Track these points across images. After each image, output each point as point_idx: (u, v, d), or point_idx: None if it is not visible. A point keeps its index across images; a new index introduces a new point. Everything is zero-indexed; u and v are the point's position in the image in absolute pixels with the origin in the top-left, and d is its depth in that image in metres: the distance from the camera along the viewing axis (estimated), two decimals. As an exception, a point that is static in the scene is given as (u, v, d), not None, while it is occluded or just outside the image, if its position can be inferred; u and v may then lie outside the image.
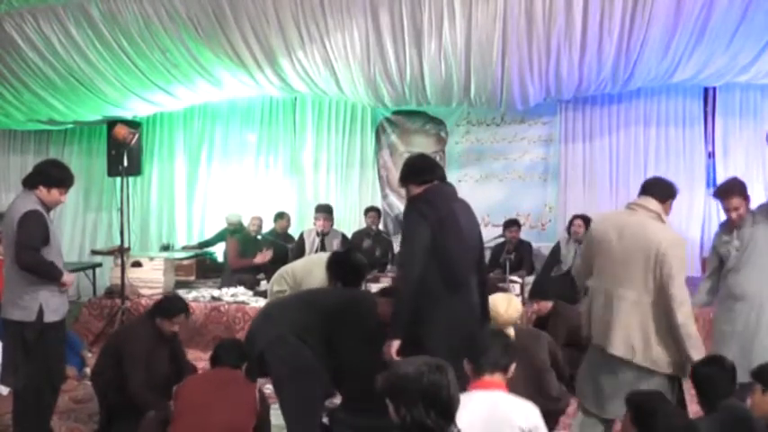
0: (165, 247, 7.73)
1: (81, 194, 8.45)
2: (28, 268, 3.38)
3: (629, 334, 2.90)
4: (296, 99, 7.95)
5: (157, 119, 8.24)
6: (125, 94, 6.99)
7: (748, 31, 5.66)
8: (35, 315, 3.40)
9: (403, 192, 7.96)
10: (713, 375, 2.70)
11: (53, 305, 3.46)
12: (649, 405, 2.45)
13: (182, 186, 8.30)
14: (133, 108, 7.39)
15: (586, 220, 6.08)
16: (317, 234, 6.52)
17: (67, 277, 3.53)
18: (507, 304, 3.61)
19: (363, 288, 5.11)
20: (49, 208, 3.55)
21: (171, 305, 3.94)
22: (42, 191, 3.49)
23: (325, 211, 6.67)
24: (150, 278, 6.41)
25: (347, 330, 3.44)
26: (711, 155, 7.38)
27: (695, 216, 7.35)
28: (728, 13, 5.48)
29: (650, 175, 7.28)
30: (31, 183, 3.53)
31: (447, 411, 2.00)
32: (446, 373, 2.01)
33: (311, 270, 4.48)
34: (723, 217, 7.29)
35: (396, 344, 2.91)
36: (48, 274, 3.43)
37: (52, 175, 3.53)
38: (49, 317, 3.44)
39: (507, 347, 2.61)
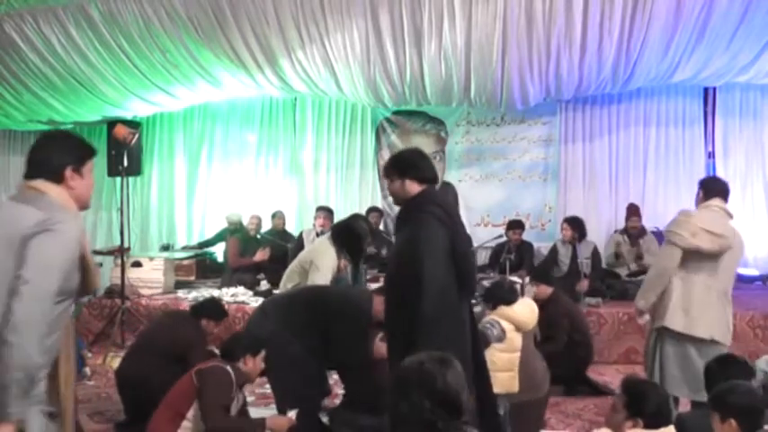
0: (165, 247, 7.73)
1: (81, 194, 8.45)
2: None
3: (729, 321, 3.51)
4: (296, 99, 7.95)
5: (157, 119, 8.24)
6: (125, 94, 6.99)
7: (748, 31, 5.66)
8: None
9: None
10: (726, 373, 2.72)
11: None
12: (644, 391, 2.51)
13: (182, 186, 8.30)
14: (133, 108, 7.39)
15: (574, 223, 6.14)
16: (317, 234, 6.52)
17: None
18: (530, 312, 3.61)
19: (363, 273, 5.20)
20: None
21: (221, 309, 4.11)
22: None
23: (325, 210, 6.69)
24: (150, 278, 6.42)
25: (344, 329, 3.44)
26: (711, 155, 7.38)
27: (695, 216, 7.35)
28: (728, 13, 5.49)
29: (650, 175, 7.39)
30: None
31: (445, 403, 1.97)
32: (445, 365, 2.00)
33: (316, 250, 4.64)
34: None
35: None
36: None
37: None
38: None
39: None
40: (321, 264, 4.42)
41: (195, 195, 8.29)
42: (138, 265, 6.45)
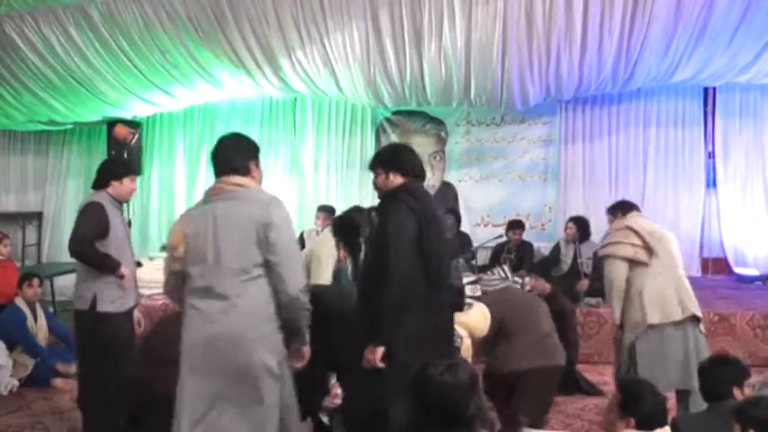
0: (165, 247, 7.72)
1: (81, 194, 8.45)
2: (77, 257, 3.47)
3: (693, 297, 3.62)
4: (296, 99, 7.95)
5: (157, 119, 8.23)
6: (125, 94, 6.98)
7: (748, 31, 5.66)
8: (89, 304, 3.46)
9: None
10: (720, 373, 2.72)
11: (108, 296, 3.47)
12: (639, 391, 2.50)
13: (182, 186, 8.30)
14: (133, 109, 7.38)
15: (578, 223, 6.12)
16: (317, 234, 6.52)
17: (124, 269, 3.52)
18: (483, 317, 3.63)
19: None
20: (121, 202, 3.68)
21: None
22: (115, 185, 3.61)
23: (325, 210, 6.68)
24: (150, 278, 6.39)
25: (346, 328, 3.44)
26: (711, 155, 7.39)
27: (694, 216, 7.37)
28: (728, 13, 5.49)
29: (650, 175, 7.42)
30: (101, 183, 3.64)
31: (439, 411, 1.99)
32: (448, 371, 2.04)
33: (317, 242, 4.75)
34: (723, 216, 7.40)
35: (380, 351, 2.66)
36: (99, 265, 3.47)
37: (116, 169, 3.67)
38: (103, 306, 3.45)
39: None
40: (321, 253, 4.47)
41: (195, 195, 8.26)
42: (138, 264, 6.41)
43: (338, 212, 7.19)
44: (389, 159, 2.91)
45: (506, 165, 7.57)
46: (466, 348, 3.47)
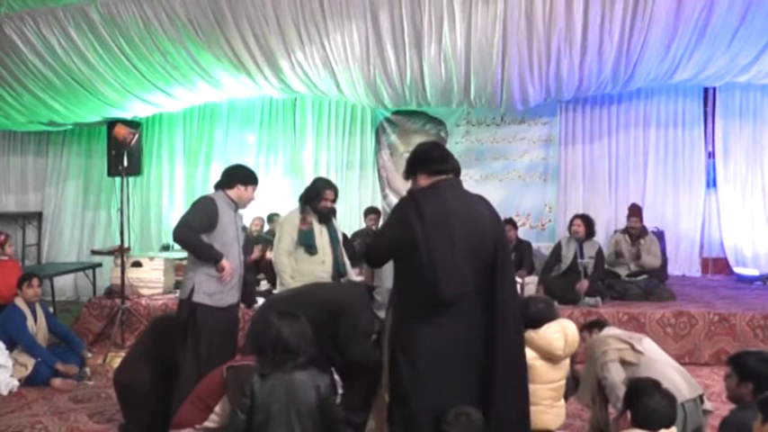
0: (165, 247, 7.72)
1: (81, 194, 8.46)
2: (177, 241, 3.63)
3: None
4: (296, 100, 7.95)
5: (157, 119, 8.23)
6: (125, 95, 6.98)
7: (748, 31, 5.67)
8: (188, 293, 3.59)
9: (403, 192, 8.02)
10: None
11: (206, 288, 3.59)
12: (642, 389, 2.52)
13: (181, 186, 8.30)
14: (133, 109, 7.38)
15: (586, 220, 6.07)
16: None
17: (224, 262, 3.60)
18: (564, 338, 3.22)
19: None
20: (238, 205, 3.82)
21: None
22: (240, 188, 3.79)
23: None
24: (150, 278, 6.41)
25: (351, 325, 3.43)
26: (711, 155, 7.41)
27: (695, 216, 7.37)
28: (728, 14, 5.49)
29: (650, 175, 7.42)
30: (227, 183, 3.80)
31: (277, 345, 2.82)
32: (283, 319, 2.88)
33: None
34: (723, 216, 7.38)
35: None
36: (200, 252, 3.59)
37: (244, 175, 3.83)
38: (199, 297, 3.56)
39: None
40: (283, 222, 4.58)
41: (195, 195, 8.24)
42: (138, 265, 6.45)
43: (338, 212, 7.20)
44: (414, 161, 2.83)
45: (506, 165, 7.57)
46: (534, 372, 3.14)
